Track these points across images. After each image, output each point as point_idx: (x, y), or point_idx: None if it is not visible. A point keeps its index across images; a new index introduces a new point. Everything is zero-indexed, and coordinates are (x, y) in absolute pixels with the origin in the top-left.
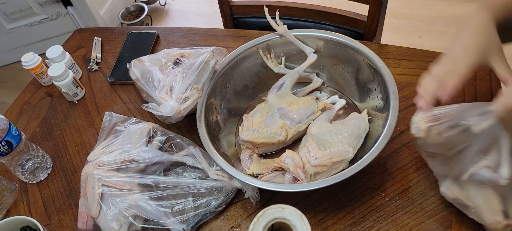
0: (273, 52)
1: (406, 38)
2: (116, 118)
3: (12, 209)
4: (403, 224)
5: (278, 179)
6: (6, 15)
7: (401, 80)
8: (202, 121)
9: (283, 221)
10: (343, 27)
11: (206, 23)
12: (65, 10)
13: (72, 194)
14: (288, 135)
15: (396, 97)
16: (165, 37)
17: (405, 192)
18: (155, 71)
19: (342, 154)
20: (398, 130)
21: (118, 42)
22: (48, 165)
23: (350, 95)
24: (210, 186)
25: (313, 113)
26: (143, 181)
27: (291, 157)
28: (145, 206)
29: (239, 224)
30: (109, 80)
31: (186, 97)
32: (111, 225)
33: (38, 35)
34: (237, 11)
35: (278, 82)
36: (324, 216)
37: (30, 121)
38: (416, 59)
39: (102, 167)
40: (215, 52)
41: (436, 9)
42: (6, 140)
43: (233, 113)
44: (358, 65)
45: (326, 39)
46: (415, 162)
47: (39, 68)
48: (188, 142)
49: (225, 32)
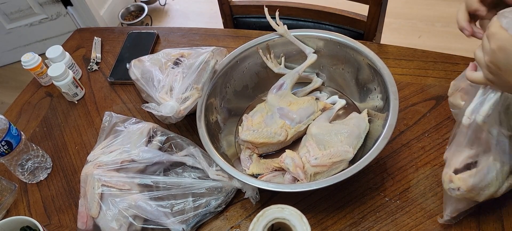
0: (273, 52)
1: (406, 38)
2: (116, 118)
3: (12, 209)
4: (403, 224)
5: (278, 179)
6: (6, 15)
7: (401, 80)
8: (202, 121)
9: (283, 221)
10: (343, 27)
11: (206, 23)
12: (65, 10)
13: (72, 194)
14: (288, 135)
15: (396, 97)
16: (165, 37)
17: (405, 192)
18: (155, 71)
19: (342, 154)
20: (398, 130)
21: (118, 42)
22: (48, 165)
23: (350, 95)
24: (210, 186)
25: (313, 114)
26: (143, 181)
27: (291, 157)
28: (145, 206)
29: (239, 224)
30: (109, 80)
31: (186, 97)
32: (111, 225)
33: (38, 35)
34: (237, 11)
35: (278, 82)
36: (324, 216)
37: (30, 121)
38: (416, 59)
39: (102, 167)
40: (215, 52)
41: (436, 9)
42: (6, 140)
43: (233, 113)
44: (358, 65)
45: (326, 39)
46: (415, 162)
47: (39, 68)
48: (188, 142)
49: (225, 32)
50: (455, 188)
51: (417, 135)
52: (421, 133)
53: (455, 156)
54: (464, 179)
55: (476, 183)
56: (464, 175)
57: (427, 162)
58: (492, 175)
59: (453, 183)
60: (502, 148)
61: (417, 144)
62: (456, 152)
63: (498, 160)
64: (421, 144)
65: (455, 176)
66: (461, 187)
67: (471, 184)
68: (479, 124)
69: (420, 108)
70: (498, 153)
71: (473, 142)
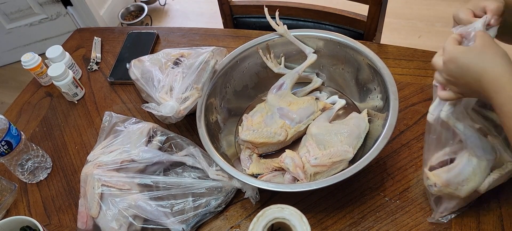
0: (273, 52)
1: (406, 38)
2: (116, 118)
3: (12, 209)
4: (403, 224)
5: (278, 179)
6: (6, 15)
7: (401, 80)
8: (202, 121)
9: (283, 221)
10: (343, 27)
11: (206, 23)
12: (65, 10)
13: (72, 194)
14: (288, 135)
15: (396, 97)
16: (165, 37)
17: (405, 192)
18: (155, 71)
19: (341, 154)
20: (398, 130)
21: (118, 42)
22: (47, 165)
23: (350, 95)
24: (210, 186)
25: (313, 113)
26: (143, 181)
27: (291, 157)
28: (144, 206)
29: (239, 224)
30: (109, 80)
31: (186, 97)
32: (110, 225)
33: (38, 35)
34: (237, 11)
35: (278, 82)
36: (324, 216)
37: (30, 121)
38: (416, 59)
39: (102, 167)
40: (215, 52)
41: (436, 9)
42: (5, 140)
43: (233, 113)
44: (358, 65)
45: (326, 39)
46: (415, 162)
47: (39, 68)
48: (188, 142)
49: (225, 32)
50: (432, 184)
51: (417, 135)
52: (421, 133)
53: (429, 153)
54: (438, 175)
55: (450, 178)
56: (438, 171)
57: None
58: (469, 170)
59: (429, 179)
60: (474, 142)
61: (417, 144)
62: (429, 150)
63: (473, 155)
64: (421, 144)
65: (430, 173)
66: (437, 183)
67: (445, 179)
68: (444, 119)
69: (420, 108)
70: (472, 148)
71: (447, 139)
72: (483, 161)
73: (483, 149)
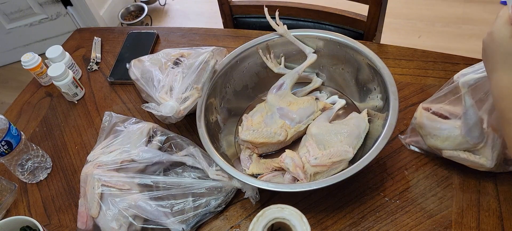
0: (273, 52)
1: (406, 38)
2: (116, 118)
3: (12, 209)
4: (402, 224)
5: (278, 179)
6: (6, 15)
7: (401, 80)
8: (202, 121)
9: (282, 221)
10: (343, 27)
11: (206, 23)
12: (65, 10)
13: (71, 194)
14: (287, 135)
15: (396, 97)
16: (165, 37)
17: (405, 192)
18: (155, 71)
19: (341, 154)
20: (397, 130)
21: (118, 42)
22: (47, 165)
23: (350, 95)
24: (210, 186)
25: (313, 113)
26: (143, 181)
27: (291, 157)
28: (144, 206)
29: (239, 224)
30: (109, 80)
31: (186, 97)
32: (110, 225)
33: (38, 35)
34: (237, 11)
35: (278, 82)
36: (324, 216)
37: (30, 121)
38: (416, 59)
39: (102, 167)
40: (215, 52)
41: (436, 9)
42: (5, 140)
43: (233, 113)
44: (358, 65)
45: (326, 39)
46: (415, 162)
47: (39, 68)
48: (188, 142)
49: (225, 32)
50: (415, 117)
51: None
52: None
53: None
54: (422, 114)
55: (427, 125)
56: (425, 113)
57: (427, 162)
58: (445, 133)
59: (416, 112)
60: (466, 121)
61: None
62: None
63: (459, 129)
64: None
65: (421, 108)
66: (417, 117)
67: (423, 122)
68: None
69: None
70: (463, 124)
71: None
72: (462, 138)
73: (470, 131)
